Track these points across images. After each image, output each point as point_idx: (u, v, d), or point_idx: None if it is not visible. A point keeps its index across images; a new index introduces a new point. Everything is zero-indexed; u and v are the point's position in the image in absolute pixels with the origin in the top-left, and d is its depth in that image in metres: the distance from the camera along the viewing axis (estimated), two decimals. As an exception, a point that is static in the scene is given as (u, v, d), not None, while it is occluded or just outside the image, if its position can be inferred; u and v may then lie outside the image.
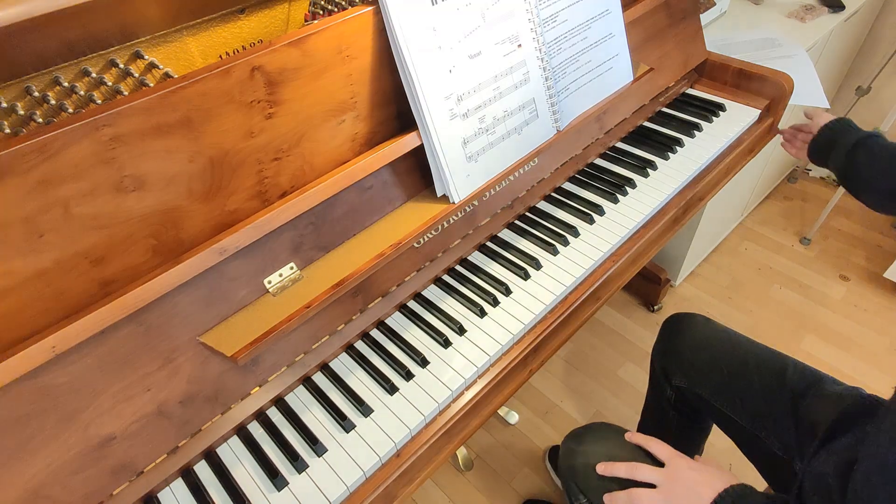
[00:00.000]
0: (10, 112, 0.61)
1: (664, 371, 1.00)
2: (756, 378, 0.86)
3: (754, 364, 0.87)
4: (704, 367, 0.92)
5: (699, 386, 0.93)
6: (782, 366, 0.85)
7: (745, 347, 0.90)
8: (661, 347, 1.03)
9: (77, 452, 0.59)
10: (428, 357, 0.79)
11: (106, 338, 0.60)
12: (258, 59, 0.62)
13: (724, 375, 0.89)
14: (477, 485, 1.40)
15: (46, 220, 0.54)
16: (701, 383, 0.93)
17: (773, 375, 0.85)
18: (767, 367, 0.86)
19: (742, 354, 0.89)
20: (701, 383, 0.93)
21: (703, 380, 0.93)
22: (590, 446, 0.82)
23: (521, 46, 0.83)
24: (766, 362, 0.87)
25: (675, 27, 1.17)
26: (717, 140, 1.14)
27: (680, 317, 1.01)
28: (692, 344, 0.95)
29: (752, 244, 1.97)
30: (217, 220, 0.66)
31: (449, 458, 1.01)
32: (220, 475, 0.69)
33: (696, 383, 0.94)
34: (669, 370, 0.98)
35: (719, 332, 0.95)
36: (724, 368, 0.89)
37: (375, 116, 0.77)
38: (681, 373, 0.96)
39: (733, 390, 0.88)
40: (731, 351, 0.91)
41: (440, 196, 0.83)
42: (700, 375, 0.93)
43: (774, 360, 0.87)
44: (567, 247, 0.94)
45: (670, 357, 0.99)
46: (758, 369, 0.86)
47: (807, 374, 0.83)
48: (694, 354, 0.94)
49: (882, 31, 1.83)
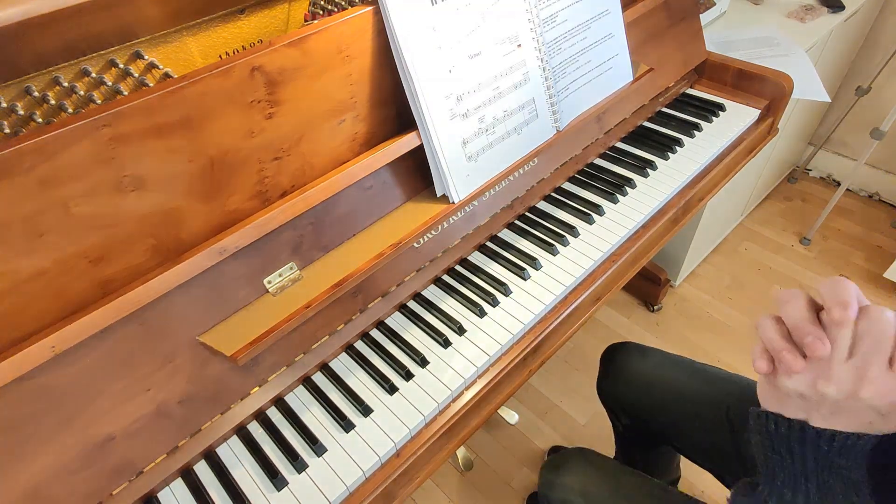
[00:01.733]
0: (10, 112, 0.61)
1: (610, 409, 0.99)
2: (694, 414, 0.82)
3: (691, 398, 0.83)
4: (644, 405, 0.90)
5: (644, 423, 0.91)
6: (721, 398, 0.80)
7: (683, 382, 0.85)
8: (602, 385, 0.99)
9: (77, 452, 0.59)
10: (428, 357, 0.80)
11: (105, 338, 0.60)
12: (258, 59, 0.62)
13: (664, 413, 0.86)
14: (477, 485, 1.40)
15: (46, 220, 0.54)
16: (644, 420, 0.91)
17: (711, 409, 0.81)
18: (706, 401, 0.82)
19: (678, 389, 0.85)
20: (644, 420, 0.91)
21: (645, 416, 0.91)
22: (567, 478, 0.80)
23: (521, 46, 0.83)
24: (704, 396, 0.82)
25: (675, 27, 1.17)
26: (716, 140, 1.14)
27: (613, 349, 0.96)
28: (628, 381, 0.92)
29: (752, 244, 1.97)
30: (217, 220, 0.66)
31: (449, 458, 1.01)
32: (220, 475, 0.69)
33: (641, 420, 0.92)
34: (614, 408, 0.97)
35: (655, 366, 0.90)
36: (662, 406, 0.86)
37: (375, 116, 0.77)
38: (623, 412, 0.94)
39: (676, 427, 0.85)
40: (669, 385, 0.86)
41: (440, 196, 0.83)
42: (642, 412, 0.91)
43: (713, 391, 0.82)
44: (567, 247, 0.94)
45: (610, 396, 0.96)
46: (695, 405, 0.82)
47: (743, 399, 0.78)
48: (631, 393, 0.91)
49: (882, 31, 1.83)
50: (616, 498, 0.77)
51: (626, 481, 0.79)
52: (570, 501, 0.78)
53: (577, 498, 0.78)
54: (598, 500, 0.77)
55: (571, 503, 0.78)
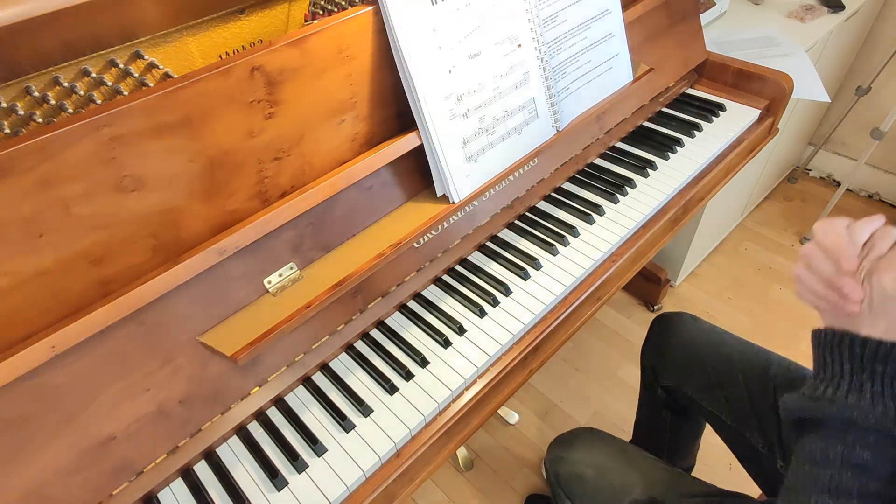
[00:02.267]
0: (10, 112, 0.61)
1: (653, 371, 1.00)
2: (740, 376, 0.86)
3: (739, 362, 0.87)
4: (691, 367, 0.92)
5: (687, 385, 0.93)
6: (766, 363, 0.85)
7: (731, 345, 0.90)
8: (649, 347, 1.03)
9: (77, 452, 0.59)
10: (428, 357, 0.80)
11: (106, 338, 0.60)
12: (258, 59, 0.62)
13: (709, 374, 0.89)
14: (477, 485, 1.40)
15: (46, 220, 0.54)
16: (688, 383, 0.93)
17: (756, 372, 0.84)
18: (752, 365, 0.86)
19: (727, 353, 0.89)
20: (688, 383, 0.93)
21: (690, 379, 0.93)
22: (577, 454, 0.82)
23: (521, 46, 0.83)
24: (750, 359, 0.86)
25: (675, 27, 1.17)
26: (716, 140, 1.14)
27: (668, 316, 1.01)
28: (679, 343, 0.95)
29: (752, 244, 1.97)
30: (217, 220, 0.66)
31: (449, 458, 1.01)
32: (220, 475, 0.69)
33: (684, 383, 0.94)
34: (658, 370, 0.98)
35: (706, 330, 0.95)
36: (709, 367, 0.89)
37: (375, 116, 0.77)
38: (669, 372, 0.96)
39: (719, 389, 0.88)
40: (717, 349, 0.90)
41: (440, 196, 0.83)
42: (687, 375, 0.93)
43: (759, 357, 0.86)
44: (567, 247, 0.94)
45: (658, 357, 0.99)
46: (742, 367, 0.86)
47: (791, 370, 0.82)
48: (681, 354, 0.94)
49: (882, 31, 1.83)
50: (627, 469, 0.77)
51: (636, 455, 0.80)
52: (580, 474, 0.79)
53: (587, 469, 0.79)
54: (608, 472, 0.78)
55: (581, 475, 0.79)
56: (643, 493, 0.74)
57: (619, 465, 0.78)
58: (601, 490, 0.77)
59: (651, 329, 1.03)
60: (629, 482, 0.76)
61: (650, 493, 0.74)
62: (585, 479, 0.79)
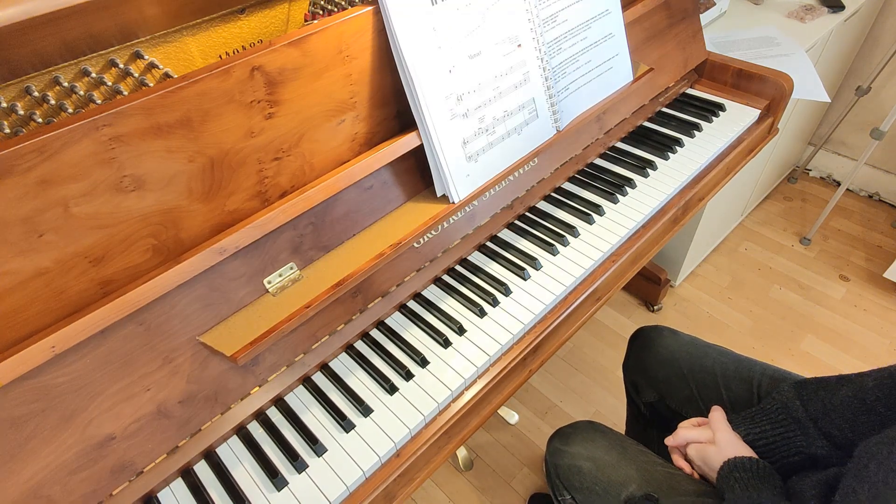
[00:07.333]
0: (10, 112, 0.61)
1: (634, 386, 1.00)
2: (724, 389, 0.86)
3: (721, 373, 0.87)
4: (673, 381, 0.92)
5: (670, 398, 0.93)
6: (749, 373, 0.85)
7: (713, 357, 0.90)
8: (629, 363, 1.02)
9: (76, 452, 0.59)
10: (428, 357, 0.79)
11: (105, 338, 0.60)
12: (258, 59, 0.62)
13: (692, 388, 0.89)
14: (477, 485, 1.40)
15: (46, 220, 0.54)
16: (671, 396, 0.92)
17: (741, 385, 0.84)
18: (734, 376, 0.86)
19: (709, 364, 0.89)
20: (671, 396, 0.92)
21: (672, 393, 0.92)
22: (575, 447, 0.82)
23: (521, 46, 0.83)
24: (733, 371, 0.86)
25: (675, 27, 1.17)
26: (716, 140, 1.14)
27: (646, 331, 1.00)
28: (659, 358, 0.94)
29: (752, 244, 1.97)
30: (217, 219, 0.66)
31: (449, 458, 1.01)
32: (220, 475, 0.69)
33: (666, 396, 0.93)
34: (639, 385, 0.98)
35: (686, 343, 0.94)
36: (691, 381, 0.89)
37: (375, 116, 0.77)
38: (650, 387, 0.95)
39: (702, 402, 0.87)
40: (699, 362, 0.90)
41: (440, 196, 0.83)
42: (669, 389, 0.92)
43: (742, 367, 0.86)
44: (567, 247, 0.94)
45: (638, 372, 0.98)
46: (725, 380, 0.86)
47: (775, 378, 0.82)
48: (661, 368, 0.93)
49: (882, 31, 1.83)
50: (625, 463, 0.78)
51: (634, 450, 0.80)
52: (579, 466, 0.79)
53: (585, 462, 0.79)
54: (606, 465, 0.78)
55: (580, 467, 0.79)
56: (639, 488, 0.74)
57: (617, 459, 0.78)
58: (598, 483, 0.77)
59: (630, 345, 1.02)
60: (626, 477, 0.76)
61: (646, 489, 0.74)
62: (583, 471, 0.79)
